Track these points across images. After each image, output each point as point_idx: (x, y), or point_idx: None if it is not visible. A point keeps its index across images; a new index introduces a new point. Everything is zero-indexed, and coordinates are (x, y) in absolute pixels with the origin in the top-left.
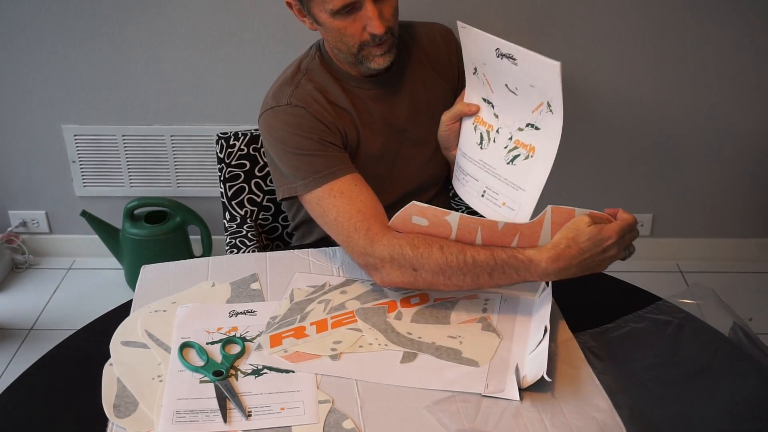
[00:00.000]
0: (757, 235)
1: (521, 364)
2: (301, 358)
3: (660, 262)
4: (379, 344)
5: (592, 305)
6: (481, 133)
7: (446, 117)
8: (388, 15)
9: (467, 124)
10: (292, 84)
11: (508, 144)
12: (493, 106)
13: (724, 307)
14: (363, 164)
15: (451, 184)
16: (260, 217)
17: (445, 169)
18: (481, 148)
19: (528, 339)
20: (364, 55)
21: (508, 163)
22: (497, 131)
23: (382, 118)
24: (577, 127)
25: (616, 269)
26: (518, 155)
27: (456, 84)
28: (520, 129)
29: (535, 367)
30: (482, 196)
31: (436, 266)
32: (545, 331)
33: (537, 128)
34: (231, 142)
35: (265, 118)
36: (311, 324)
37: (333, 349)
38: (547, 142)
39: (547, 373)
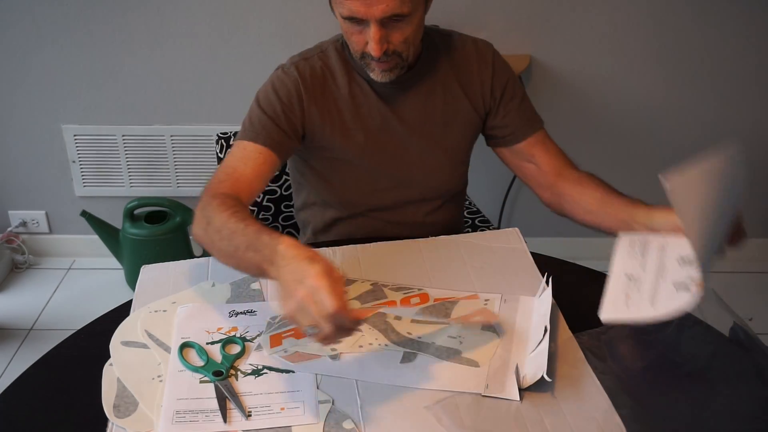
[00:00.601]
0: (757, 235)
1: (521, 364)
2: (301, 358)
3: None
4: (379, 344)
5: (592, 305)
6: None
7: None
8: (396, 41)
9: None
10: (304, 56)
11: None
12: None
13: (724, 307)
14: (350, 155)
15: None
16: (260, 217)
17: (456, 183)
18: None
19: (528, 339)
20: (366, 63)
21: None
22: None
23: (382, 117)
24: (577, 128)
25: None
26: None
27: (481, 103)
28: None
29: (535, 367)
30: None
31: (218, 224)
32: (545, 331)
33: None
34: (231, 142)
35: (272, 74)
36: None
37: (333, 349)
38: None
39: (547, 373)
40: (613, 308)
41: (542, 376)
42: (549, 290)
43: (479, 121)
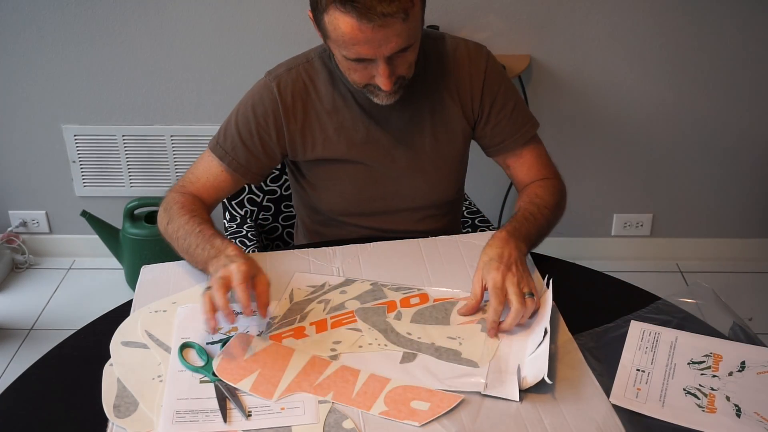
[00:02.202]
0: (757, 235)
1: (522, 364)
2: None
3: (660, 262)
4: (379, 344)
5: (592, 305)
6: None
7: None
8: (401, 70)
9: None
10: (289, 65)
11: None
12: None
13: (724, 307)
14: (335, 166)
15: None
16: (260, 217)
17: (447, 192)
18: None
19: (528, 340)
20: (369, 90)
21: None
22: None
23: (367, 129)
24: (576, 128)
25: (617, 269)
26: None
27: (470, 110)
28: None
29: (535, 368)
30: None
31: (178, 224)
32: (545, 333)
33: None
34: None
35: (257, 82)
36: (311, 324)
37: (333, 350)
38: None
39: (548, 375)
40: (624, 397)
41: (543, 378)
42: (550, 292)
43: (469, 128)
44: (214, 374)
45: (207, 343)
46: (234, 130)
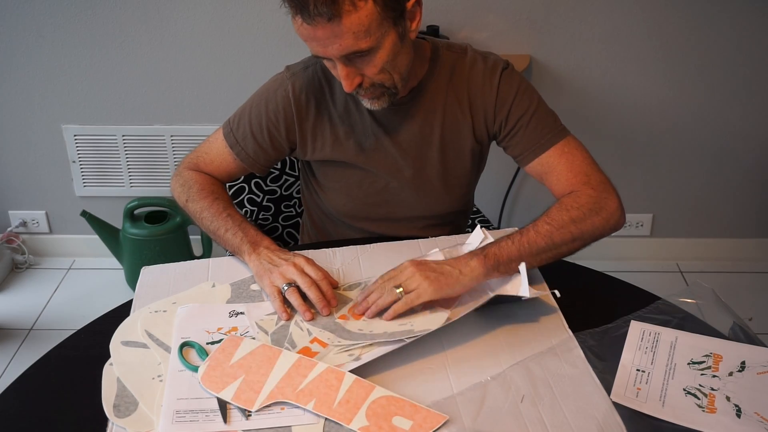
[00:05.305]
0: (757, 235)
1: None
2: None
3: (660, 262)
4: (331, 342)
5: (592, 305)
6: None
7: None
8: (370, 73)
9: None
10: (308, 63)
11: None
12: None
13: (723, 306)
14: (342, 168)
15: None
16: (260, 217)
17: (451, 204)
18: None
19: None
20: (355, 92)
21: None
22: None
23: (376, 137)
24: (576, 127)
25: (617, 269)
26: None
27: (484, 127)
28: None
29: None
30: None
31: (201, 205)
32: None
33: None
34: None
35: (276, 75)
36: (311, 342)
37: (351, 354)
38: None
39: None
40: (624, 397)
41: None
42: (477, 228)
43: (479, 147)
44: None
45: (207, 343)
46: (247, 120)
